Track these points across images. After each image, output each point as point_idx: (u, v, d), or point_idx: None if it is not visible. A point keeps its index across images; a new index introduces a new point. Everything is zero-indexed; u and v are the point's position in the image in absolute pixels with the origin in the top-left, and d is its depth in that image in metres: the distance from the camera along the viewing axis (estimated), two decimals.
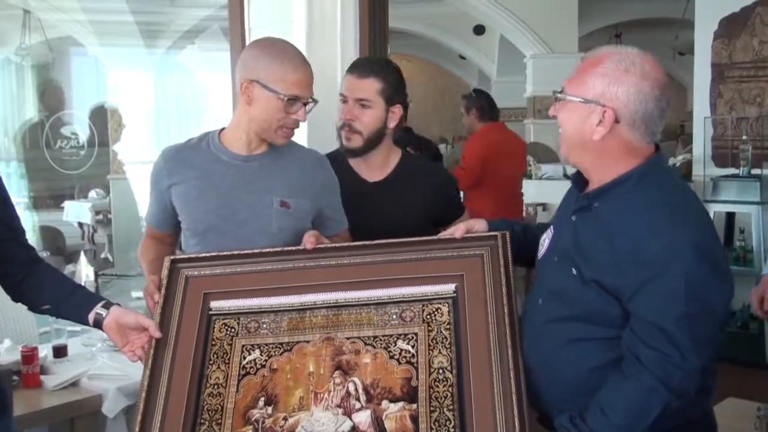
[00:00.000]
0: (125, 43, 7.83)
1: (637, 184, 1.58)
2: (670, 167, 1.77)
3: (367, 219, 2.23)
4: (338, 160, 2.37)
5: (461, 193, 2.56)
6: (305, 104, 2.02)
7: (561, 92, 1.64)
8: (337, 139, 2.38)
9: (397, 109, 2.34)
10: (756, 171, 4.82)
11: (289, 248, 1.95)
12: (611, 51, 1.60)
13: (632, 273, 1.50)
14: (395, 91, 2.34)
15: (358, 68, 2.33)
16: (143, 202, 6.83)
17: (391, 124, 2.35)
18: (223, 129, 2.12)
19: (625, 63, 1.56)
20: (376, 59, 2.38)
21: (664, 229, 1.49)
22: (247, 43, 3.22)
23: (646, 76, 1.55)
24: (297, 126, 2.05)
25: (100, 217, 8.18)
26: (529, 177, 7.46)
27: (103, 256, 7.98)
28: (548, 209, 6.57)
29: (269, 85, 1.98)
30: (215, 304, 1.88)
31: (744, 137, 4.95)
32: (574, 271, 1.61)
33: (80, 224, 8.49)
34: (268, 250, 1.95)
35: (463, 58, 12.36)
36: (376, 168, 2.38)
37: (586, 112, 1.58)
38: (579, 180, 1.72)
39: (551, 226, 1.82)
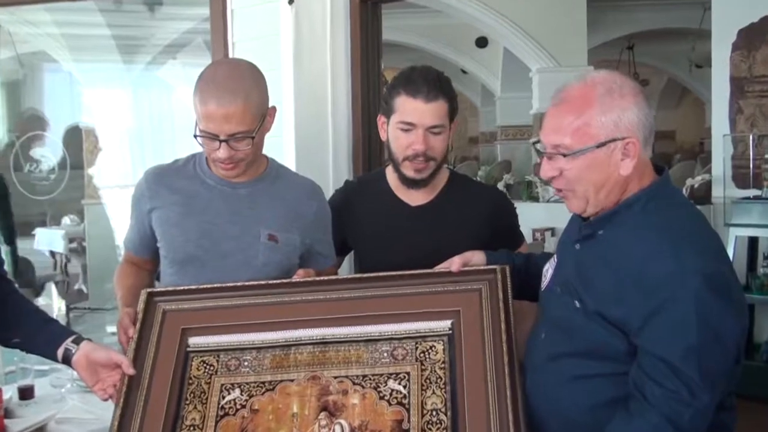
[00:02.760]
0: (102, 58, 7.86)
1: (643, 209, 1.61)
2: (679, 189, 1.79)
3: (406, 249, 2.18)
4: (376, 182, 2.32)
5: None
6: (224, 141, 1.92)
7: (551, 148, 1.63)
8: (393, 169, 2.25)
9: (455, 124, 2.22)
10: None
11: (274, 281, 1.97)
12: (587, 84, 1.61)
13: (637, 303, 1.52)
14: (456, 106, 2.20)
15: (421, 91, 2.13)
16: (120, 228, 6.82)
17: (451, 140, 2.25)
18: None
19: (615, 88, 1.59)
20: (427, 72, 2.17)
21: (669, 255, 1.51)
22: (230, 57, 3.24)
23: (634, 91, 1.60)
24: (231, 161, 1.97)
25: (74, 245, 8.15)
26: (536, 200, 7.48)
27: (76, 287, 7.95)
28: (557, 234, 6.58)
29: (196, 117, 1.96)
30: (194, 341, 1.89)
31: (766, 156, 4.97)
32: (577, 304, 1.63)
33: (52, 253, 8.47)
34: (251, 283, 1.96)
35: (465, 72, 12.42)
36: (423, 191, 2.26)
37: (605, 153, 1.60)
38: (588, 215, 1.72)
39: (554, 255, 1.84)
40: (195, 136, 1.97)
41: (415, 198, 2.27)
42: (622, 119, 1.58)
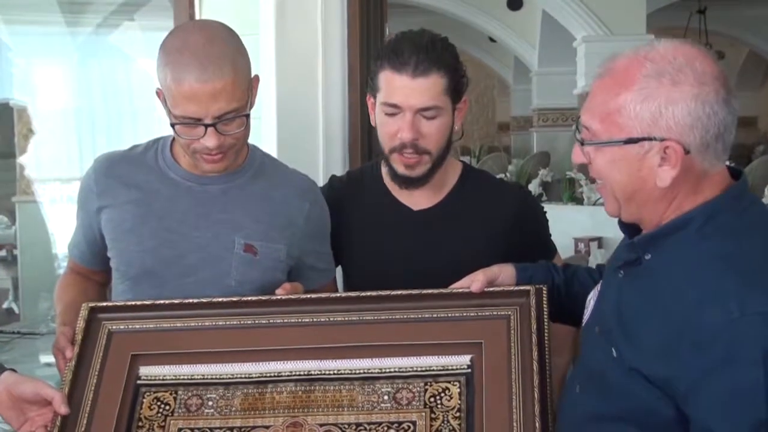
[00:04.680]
0: (39, 20, 7.88)
1: (699, 230, 1.53)
2: (758, 200, 1.66)
3: (408, 264, 2.18)
4: (370, 179, 2.33)
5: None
6: (211, 126, 1.90)
7: (584, 130, 1.58)
8: (382, 164, 2.27)
9: (464, 104, 2.21)
10: None
11: (248, 298, 1.96)
12: (638, 57, 1.53)
13: (687, 358, 1.44)
14: (460, 80, 2.16)
15: (407, 63, 2.08)
16: (61, 233, 6.84)
17: (457, 126, 2.21)
18: None
19: (669, 70, 1.49)
20: (419, 38, 2.12)
21: (730, 296, 1.42)
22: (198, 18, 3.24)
23: (700, 79, 1.48)
24: (221, 150, 1.96)
25: (3, 253, 8.21)
26: (580, 202, 7.49)
27: (5, 306, 8.00)
28: (605, 246, 6.57)
29: (166, 99, 1.95)
30: (146, 371, 1.89)
31: None
32: (614, 353, 1.58)
33: None
34: (219, 300, 1.96)
35: (493, 41, 12.45)
36: (427, 191, 2.25)
37: (637, 152, 1.52)
38: (627, 222, 1.67)
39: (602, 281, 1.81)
40: (172, 125, 1.95)
41: (419, 200, 2.26)
42: (664, 114, 1.48)
